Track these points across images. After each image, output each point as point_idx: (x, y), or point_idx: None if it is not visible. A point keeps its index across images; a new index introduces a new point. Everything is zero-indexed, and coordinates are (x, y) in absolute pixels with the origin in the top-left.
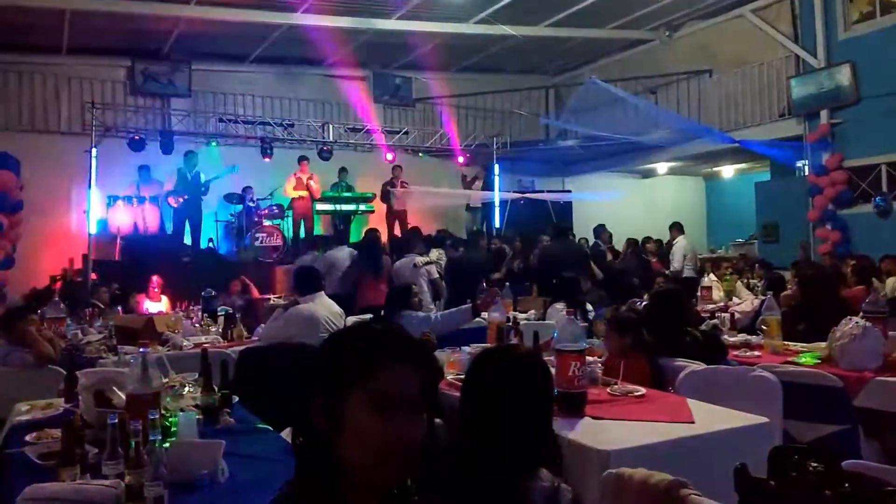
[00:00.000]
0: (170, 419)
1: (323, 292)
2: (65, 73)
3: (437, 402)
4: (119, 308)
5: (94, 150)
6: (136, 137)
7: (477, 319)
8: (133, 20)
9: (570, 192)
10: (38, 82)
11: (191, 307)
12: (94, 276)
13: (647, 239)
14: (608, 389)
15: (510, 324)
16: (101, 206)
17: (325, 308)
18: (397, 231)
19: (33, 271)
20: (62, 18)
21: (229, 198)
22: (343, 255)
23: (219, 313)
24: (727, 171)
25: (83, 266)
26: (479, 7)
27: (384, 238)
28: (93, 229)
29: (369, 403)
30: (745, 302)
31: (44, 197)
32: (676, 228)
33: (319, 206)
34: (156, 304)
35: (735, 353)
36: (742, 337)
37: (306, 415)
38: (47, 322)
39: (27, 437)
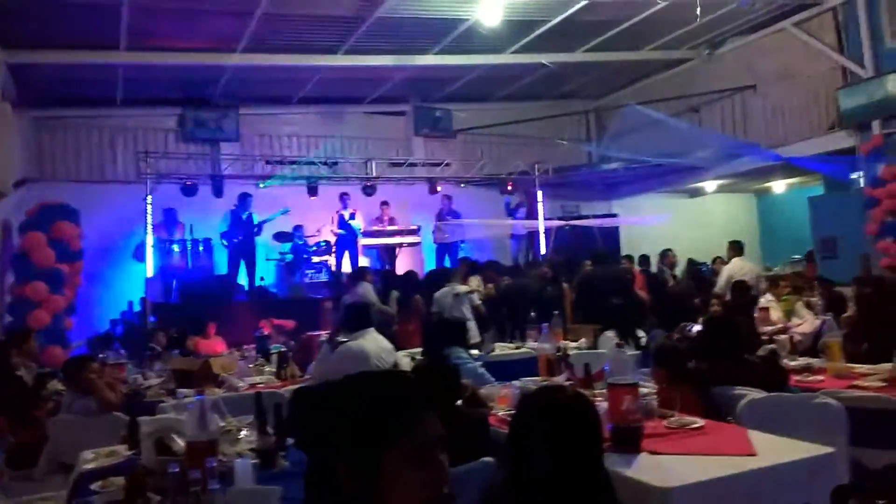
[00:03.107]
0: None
1: (373, 328)
2: (119, 125)
3: (488, 438)
4: (176, 351)
5: (149, 198)
6: (188, 183)
7: (526, 350)
8: (182, 70)
9: (615, 215)
10: (94, 134)
11: (244, 347)
12: (152, 319)
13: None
14: (664, 422)
15: (560, 354)
16: (157, 250)
17: (374, 344)
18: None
19: (94, 317)
20: (116, 72)
21: (279, 237)
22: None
23: (271, 351)
24: (778, 186)
25: (142, 310)
26: (515, 38)
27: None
28: (149, 273)
29: (409, 461)
30: (806, 322)
31: (102, 244)
32: (732, 248)
33: (364, 241)
34: (212, 346)
35: (797, 378)
36: (804, 361)
37: (327, 479)
38: (108, 368)
39: (93, 486)
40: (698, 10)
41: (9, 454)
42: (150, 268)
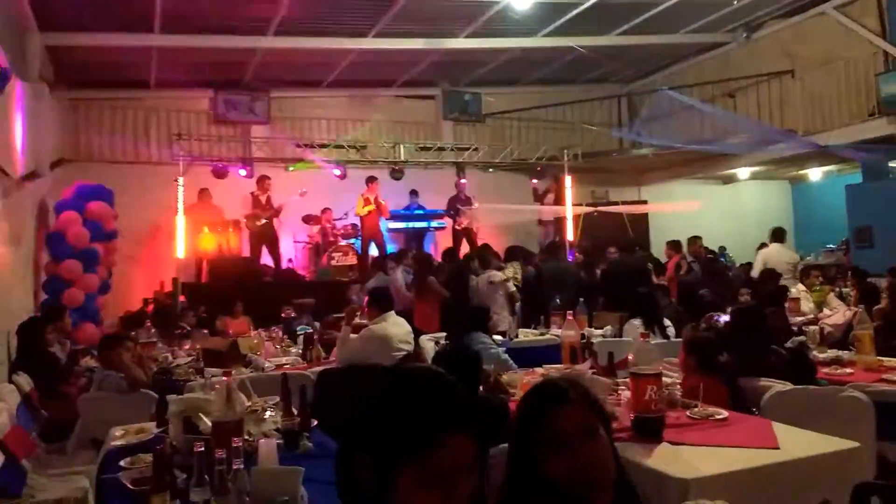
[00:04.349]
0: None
1: (393, 311)
2: (152, 106)
3: (509, 424)
4: (206, 331)
5: (181, 179)
6: (220, 165)
7: (550, 336)
8: (214, 53)
9: (645, 202)
10: (129, 116)
11: (272, 328)
12: (182, 298)
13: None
14: (687, 413)
15: (584, 342)
16: (190, 232)
17: (397, 327)
18: (466, 248)
19: (127, 296)
20: (149, 55)
21: (307, 219)
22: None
23: (298, 332)
24: (815, 173)
25: (173, 289)
26: (546, 20)
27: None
28: (181, 254)
29: (425, 483)
30: (837, 313)
31: (136, 224)
32: (772, 234)
33: (391, 225)
34: (239, 326)
35: (825, 370)
36: (833, 353)
37: (351, 463)
38: (139, 346)
39: (121, 462)
40: None
41: (42, 428)
42: (181, 249)
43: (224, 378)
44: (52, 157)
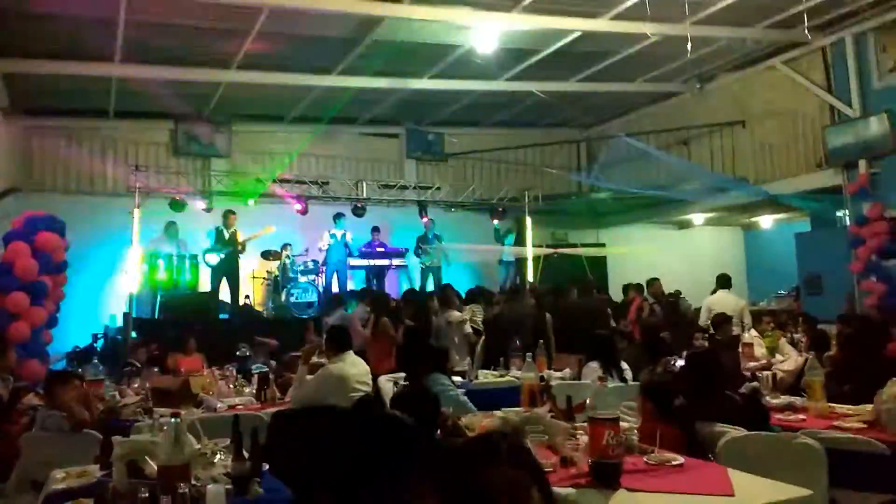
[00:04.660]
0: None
1: (351, 351)
2: (111, 136)
3: None
4: (155, 369)
5: (136, 211)
6: (178, 198)
7: (509, 379)
8: (176, 84)
9: (603, 245)
10: (84, 145)
11: (226, 367)
12: (133, 333)
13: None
14: (644, 458)
15: (543, 385)
16: (143, 265)
17: (354, 367)
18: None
19: (77, 330)
20: (109, 84)
21: (266, 255)
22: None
23: (253, 371)
24: (766, 221)
25: (124, 324)
26: (508, 65)
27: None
28: (134, 288)
29: None
30: (790, 359)
31: (87, 256)
32: (717, 281)
33: (353, 262)
34: (191, 364)
35: (778, 416)
36: (785, 399)
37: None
38: (86, 384)
39: None
40: (689, 45)
41: None
42: (134, 283)
43: (172, 419)
44: (3, 186)
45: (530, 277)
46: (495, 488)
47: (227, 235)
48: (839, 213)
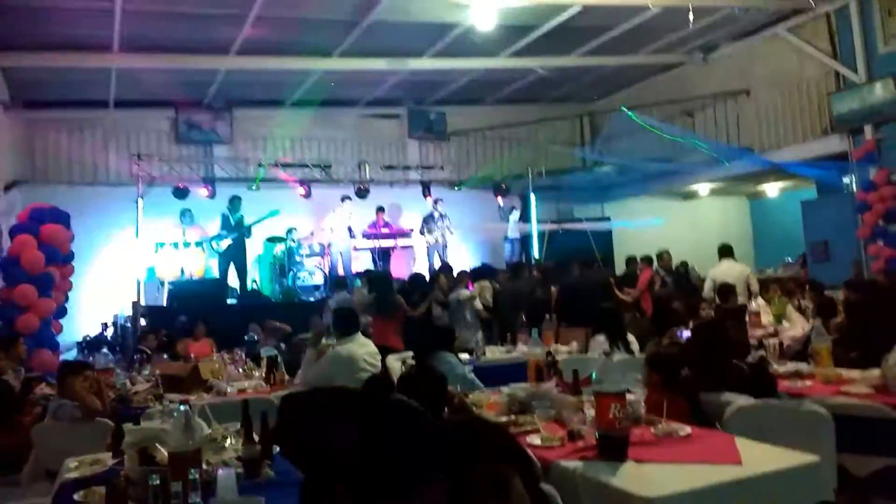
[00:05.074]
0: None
1: (360, 332)
2: (112, 126)
3: None
4: (165, 355)
5: (140, 200)
6: (180, 186)
7: (516, 355)
8: (176, 72)
9: (608, 219)
10: (86, 136)
11: (235, 351)
12: (143, 321)
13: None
14: (651, 429)
15: (549, 360)
16: (149, 253)
17: (362, 348)
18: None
19: (86, 320)
20: (108, 74)
21: (272, 240)
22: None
23: (262, 355)
24: (771, 189)
25: (133, 313)
26: (509, 41)
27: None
28: (141, 276)
29: None
30: (796, 326)
31: (93, 247)
32: (720, 251)
33: (358, 244)
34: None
35: (785, 383)
36: (792, 366)
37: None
38: (97, 372)
39: (75, 496)
40: (691, 14)
41: None
42: (141, 271)
43: (182, 405)
44: (7, 179)
45: (535, 254)
46: (474, 484)
47: (233, 221)
48: (845, 180)
